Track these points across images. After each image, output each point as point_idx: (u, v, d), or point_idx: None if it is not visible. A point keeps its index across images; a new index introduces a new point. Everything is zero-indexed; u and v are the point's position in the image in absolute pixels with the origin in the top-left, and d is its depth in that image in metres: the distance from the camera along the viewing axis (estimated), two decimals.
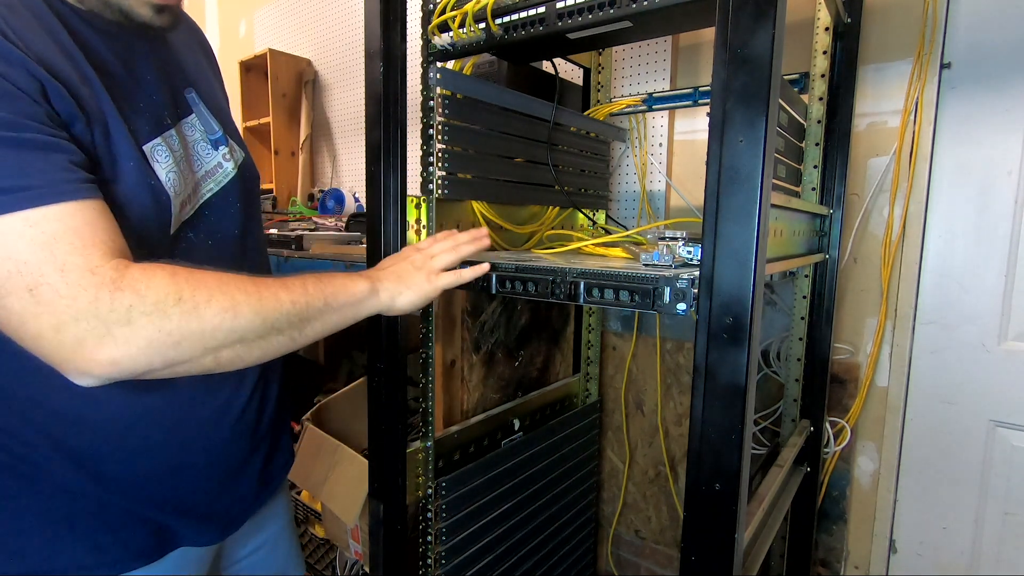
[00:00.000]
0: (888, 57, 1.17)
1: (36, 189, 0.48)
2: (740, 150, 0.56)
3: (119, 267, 0.50)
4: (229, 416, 0.73)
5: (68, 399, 0.60)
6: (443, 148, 0.93)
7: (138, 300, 0.49)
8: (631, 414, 1.60)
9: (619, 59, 1.49)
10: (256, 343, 0.57)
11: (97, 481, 0.64)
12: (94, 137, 0.56)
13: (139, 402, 0.64)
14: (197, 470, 0.71)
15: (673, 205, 1.47)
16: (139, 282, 0.50)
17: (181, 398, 0.67)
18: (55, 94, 0.52)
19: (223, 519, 0.76)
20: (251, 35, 2.78)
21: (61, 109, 0.53)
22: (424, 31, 0.93)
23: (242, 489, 0.78)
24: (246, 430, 0.76)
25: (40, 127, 0.50)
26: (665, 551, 1.59)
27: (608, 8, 0.78)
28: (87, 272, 0.48)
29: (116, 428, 0.63)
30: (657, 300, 0.65)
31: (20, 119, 0.48)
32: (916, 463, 1.23)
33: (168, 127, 0.66)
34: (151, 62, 0.67)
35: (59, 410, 0.61)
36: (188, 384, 0.67)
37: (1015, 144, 1.08)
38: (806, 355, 1.19)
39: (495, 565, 1.16)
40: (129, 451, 0.65)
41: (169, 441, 0.67)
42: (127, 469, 0.65)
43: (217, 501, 0.74)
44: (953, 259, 1.16)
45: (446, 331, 1.13)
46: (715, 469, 0.60)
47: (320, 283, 0.64)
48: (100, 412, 0.62)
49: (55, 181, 0.49)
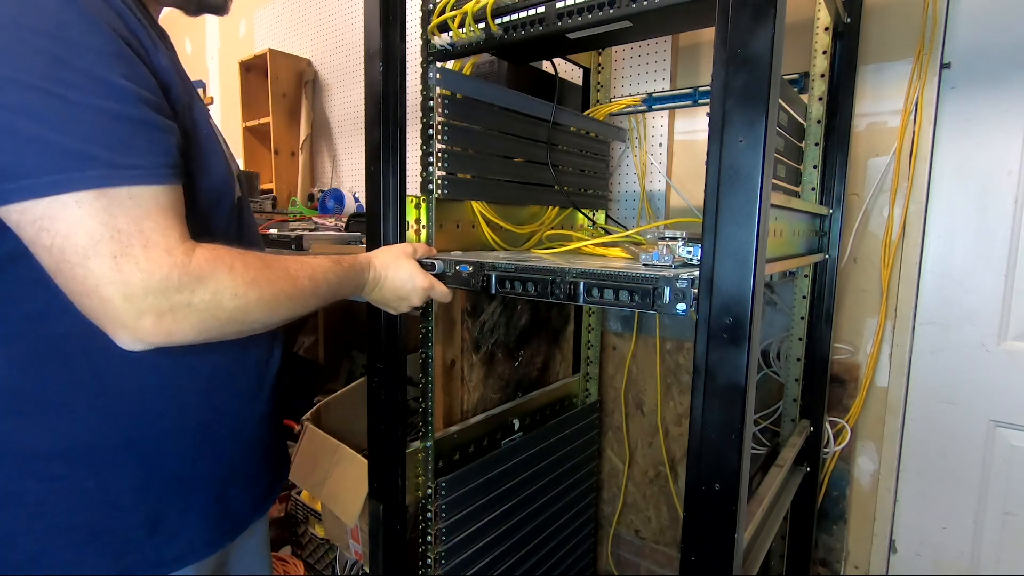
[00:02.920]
0: (888, 57, 1.17)
1: (143, 169, 0.53)
2: (740, 150, 0.56)
3: (189, 251, 0.55)
4: (259, 399, 0.77)
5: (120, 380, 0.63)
6: (443, 148, 0.93)
7: (201, 287, 0.55)
8: (631, 414, 1.60)
9: (619, 59, 1.49)
10: (275, 327, 0.66)
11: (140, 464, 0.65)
12: (183, 104, 0.61)
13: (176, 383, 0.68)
14: (233, 455, 0.74)
15: (673, 205, 1.47)
16: (204, 270, 0.55)
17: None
18: (160, 59, 0.59)
19: (246, 510, 0.77)
20: (251, 35, 2.78)
21: (163, 74, 0.59)
22: (424, 31, 0.93)
23: (265, 478, 0.80)
24: (271, 409, 0.80)
25: (153, 102, 0.55)
26: (665, 551, 1.59)
27: (608, 8, 0.78)
28: (164, 252, 0.53)
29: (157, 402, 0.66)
30: (657, 300, 0.65)
31: (140, 90, 0.54)
32: (916, 463, 1.23)
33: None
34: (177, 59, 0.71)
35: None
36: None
37: (1015, 144, 1.08)
38: (806, 355, 1.19)
39: (495, 565, 1.16)
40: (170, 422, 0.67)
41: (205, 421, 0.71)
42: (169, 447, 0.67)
43: (255, 483, 0.78)
44: (953, 259, 1.16)
45: (446, 331, 1.13)
46: (715, 469, 0.60)
47: (335, 289, 0.72)
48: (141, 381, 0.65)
49: (157, 164, 0.54)
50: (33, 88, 0.48)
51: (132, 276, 0.51)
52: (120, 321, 0.52)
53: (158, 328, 0.53)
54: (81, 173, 0.49)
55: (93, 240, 0.50)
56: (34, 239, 0.50)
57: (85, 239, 0.50)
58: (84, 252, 0.50)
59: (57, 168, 0.49)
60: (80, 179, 0.49)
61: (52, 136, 0.49)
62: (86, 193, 0.50)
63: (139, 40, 0.57)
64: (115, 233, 0.51)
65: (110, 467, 0.63)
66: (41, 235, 0.50)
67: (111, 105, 0.51)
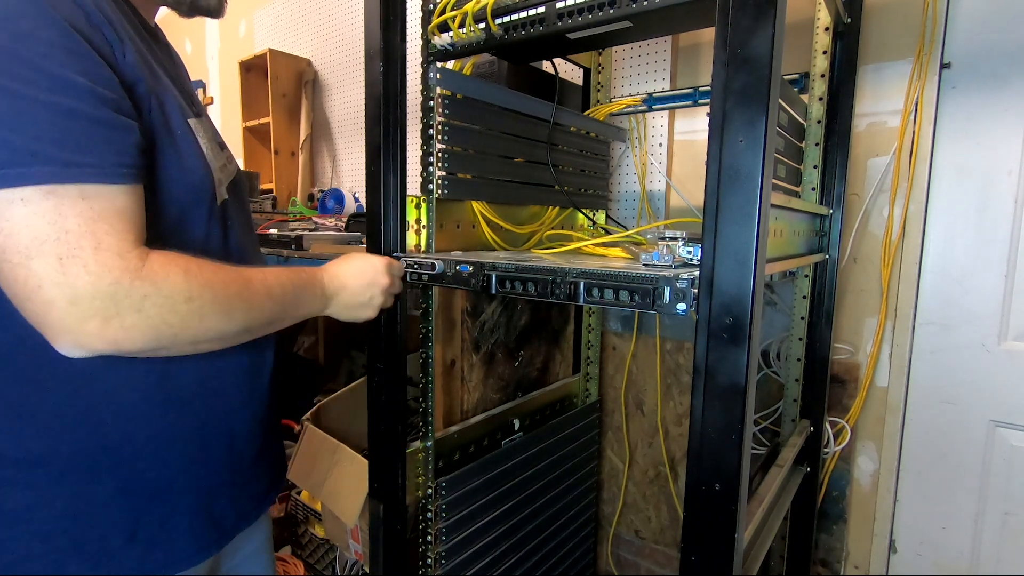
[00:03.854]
0: (888, 57, 1.17)
1: (97, 168, 0.50)
2: (740, 150, 0.56)
3: (143, 256, 0.52)
4: (248, 408, 0.76)
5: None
6: (443, 148, 0.93)
7: (153, 291, 0.52)
8: (631, 414, 1.60)
9: (619, 59, 1.49)
10: (229, 342, 0.63)
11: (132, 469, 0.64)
12: (151, 101, 0.59)
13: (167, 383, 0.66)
14: (227, 455, 0.73)
15: (673, 205, 1.47)
16: (157, 274, 0.52)
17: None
18: (126, 55, 0.56)
19: (231, 519, 0.76)
20: (251, 35, 2.78)
21: (128, 71, 0.56)
22: (424, 31, 0.93)
23: (254, 487, 0.79)
24: (264, 416, 0.79)
25: (112, 100, 0.53)
26: (665, 551, 1.59)
27: (608, 8, 0.78)
28: (117, 255, 0.50)
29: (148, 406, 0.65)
30: (657, 300, 0.65)
31: (95, 87, 0.51)
32: (916, 463, 1.23)
33: (198, 115, 0.69)
34: (174, 59, 0.70)
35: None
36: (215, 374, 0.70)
37: (1015, 144, 1.08)
38: (806, 355, 1.19)
39: (495, 565, 1.16)
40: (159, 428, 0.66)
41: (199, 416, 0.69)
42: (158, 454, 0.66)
43: (242, 492, 0.76)
44: (953, 259, 1.16)
45: (446, 331, 1.13)
46: (715, 469, 0.60)
47: (294, 298, 0.69)
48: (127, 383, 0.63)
49: (113, 163, 0.52)
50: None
51: (79, 279, 0.48)
52: (62, 326, 0.49)
53: (103, 334, 0.50)
54: (27, 168, 0.47)
55: (38, 240, 0.48)
56: None
57: (29, 239, 0.47)
58: (27, 252, 0.47)
59: (1, 163, 0.47)
60: (26, 175, 0.47)
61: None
62: (33, 190, 0.47)
63: (103, 35, 0.54)
64: (62, 234, 0.48)
65: (87, 475, 0.61)
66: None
67: (63, 100, 0.49)
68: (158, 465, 0.66)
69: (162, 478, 0.66)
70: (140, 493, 0.65)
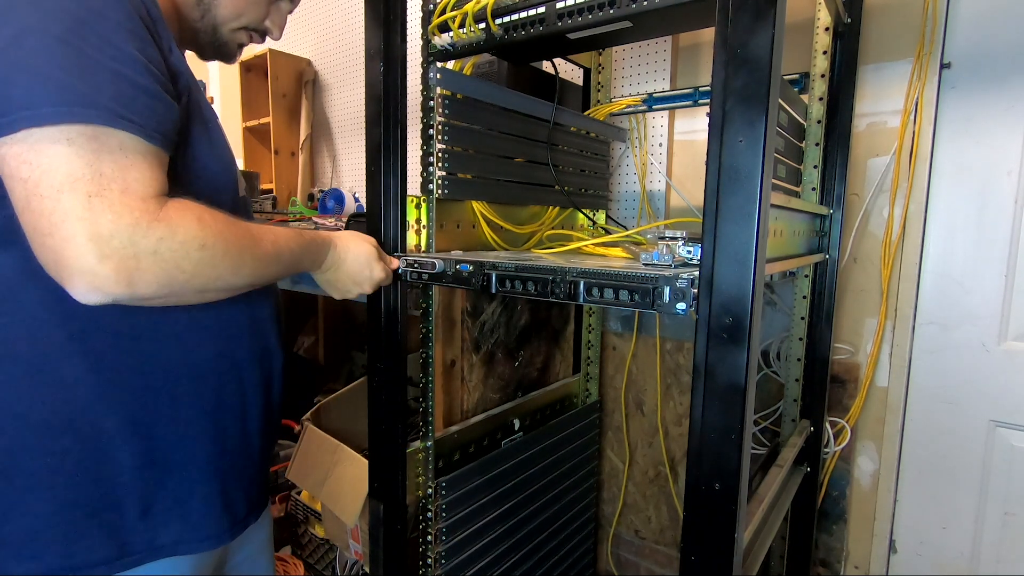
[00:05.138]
0: (888, 57, 1.17)
1: (141, 126, 0.55)
2: (740, 150, 0.56)
3: (162, 202, 0.55)
4: (264, 393, 0.78)
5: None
6: (443, 148, 0.93)
7: (169, 235, 0.54)
8: (631, 414, 1.60)
9: (619, 59, 1.49)
10: (231, 294, 0.65)
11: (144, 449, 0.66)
12: (190, 93, 0.65)
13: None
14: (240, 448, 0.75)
15: (673, 205, 1.47)
16: (173, 220, 0.55)
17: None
18: (172, 50, 0.63)
19: (244, 510, 0.77)
20: None
21: (174, 62, 0.63)
22: (424, 31, 0.93)
23: (261, 481, 0.81)
24: (276, 408, 0.81)
25: (160, 79, 0.58)
26: (665, 551, 1.59)
27: (608, 8, 0.78)
28: (140, 199, 0.53)
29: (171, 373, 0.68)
30: (657, 300, 0.65)
31: (149, 65, 0.57)
32: (916, 463, 1.23)
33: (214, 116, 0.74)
34: None
35: None
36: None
37: (1015, 144, 1.08)
38: (806, 355, 1.19)
39: (495, 565, 1.16)
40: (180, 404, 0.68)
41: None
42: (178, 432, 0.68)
43: (252, 483, 0.78)
44: (953, 259, 1.16)
45: (446, 331, 1.13)
46: (715, 469, 0.60)
47: (300, 251, 0.72)
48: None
49: (154, 128, 0.56)
50: (53, 37, 0.51)
51: (102, 216, 0.50)
52: (80, 264, 0.50)
53: (119, 275, 0.52)
54: (83, 109, 0.51)
55: (72, 178, 0.50)
56: (14, 172, 0.50)
57: (64, 175, 0.50)
58: (60, 187, 0.50)
59: (60, 100, 0.50)
60: (83, 114, 0.51)
61: (61, 75, 0.51)
62: (80, 131, 0.51)
63: (157, 29, 0.61)
64: (97, 176, 0.51)
65: (110, 444, 0.63)
66: (22, 167, 0.50)
67: (122, 69, 0.54)
68: (177, 438, 0.68)
69: (180, 451, 0.68)
70: (159, 465, 0.67)
